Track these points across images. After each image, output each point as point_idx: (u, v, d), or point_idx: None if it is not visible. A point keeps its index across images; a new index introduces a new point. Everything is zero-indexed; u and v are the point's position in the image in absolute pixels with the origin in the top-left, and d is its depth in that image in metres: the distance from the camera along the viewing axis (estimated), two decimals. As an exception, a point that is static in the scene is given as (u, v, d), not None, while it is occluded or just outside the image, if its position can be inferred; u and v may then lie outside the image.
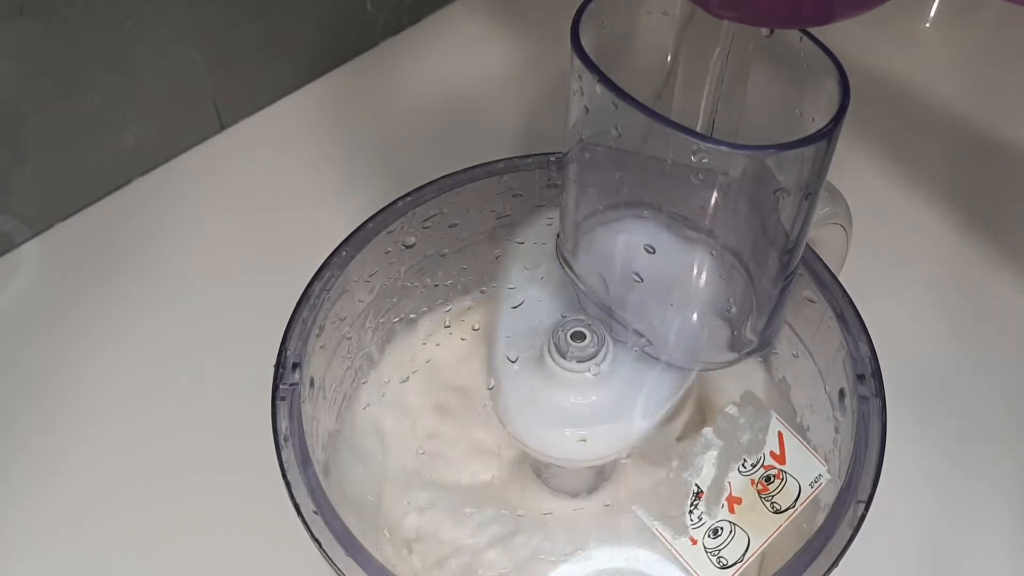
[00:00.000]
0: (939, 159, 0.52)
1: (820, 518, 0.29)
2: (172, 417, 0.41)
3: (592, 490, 0.35)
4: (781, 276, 0.30)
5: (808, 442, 0.32)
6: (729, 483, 0.30)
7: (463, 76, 0.55)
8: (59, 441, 0.41)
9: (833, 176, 0.31)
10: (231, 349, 0.43)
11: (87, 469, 0.40)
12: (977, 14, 0.61)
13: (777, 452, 0.31)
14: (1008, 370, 0.44)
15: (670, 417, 0.33)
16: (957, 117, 0.54)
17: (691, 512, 0.30)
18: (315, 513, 0.28)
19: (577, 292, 0.33)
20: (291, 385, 0.31)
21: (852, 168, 0.51)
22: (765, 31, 0.28)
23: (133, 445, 0.40)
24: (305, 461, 0.29)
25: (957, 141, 0.53)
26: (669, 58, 0.31)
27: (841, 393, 0.32)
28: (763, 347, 0.32)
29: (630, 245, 0.31)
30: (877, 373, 0.31)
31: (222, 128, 0.52)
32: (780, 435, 0.31)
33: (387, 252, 0.35)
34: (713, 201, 0.28)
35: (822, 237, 0.36)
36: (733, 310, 0.31)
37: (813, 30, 0.27)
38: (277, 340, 0.32)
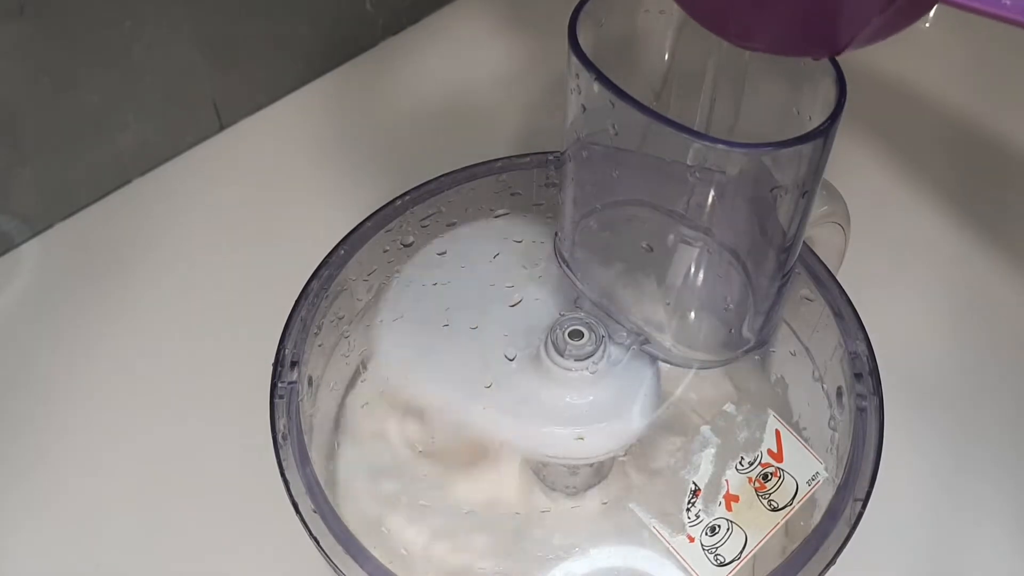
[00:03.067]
0: (938, 159, 0.52)
1: (817, 516, 0.29)
2: (171, 416, 0.41)
3: (589, 488, 0.35)
4: (778, 274, 0.30)
5: (805, 440, 0.32)
6: (726, 481, 0.30)
7: (462, 76, 0.55)
8: (59, 440, 0.41)
9: (831, 175, 0.31)
10: (230, 348, 0.43)
11: (86, 468, 0.40)
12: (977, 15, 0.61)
13: (774, 450, 0.31)
14: (1006, 369, 0.44)
15: (668, 416, 0.33)
16: (956, 117, 0.54)
17: (688, 510, 0.30)
18: (313, 512, 0.28)
19: (575, 290, 0.33)
20: (289, 384, 0.31)
21: (850, 167, 0.51)
22: None
23: (132, 444, 0.41)
24: (303, 459, 0.29)
25: (956, 141, 0.53)
26: (667, 57, 0.31)
27: (839, 391, 0.32)
28: (760, 345, 0.32)
29: (628, 243, 0.31)
30: (875, 372, 0.31)
31: (222, 128, 0.52)
32: (777, 433, 0.31)
33: (385, 251, 0.35)
34: (710, 199, 0.28)
35: (820, 236, 0.36)
36: (730, 308, 0.31)
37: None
38: (276, 339, 0.32)
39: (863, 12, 0.22)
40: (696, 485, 0.30)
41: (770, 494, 0.30)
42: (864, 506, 0.28)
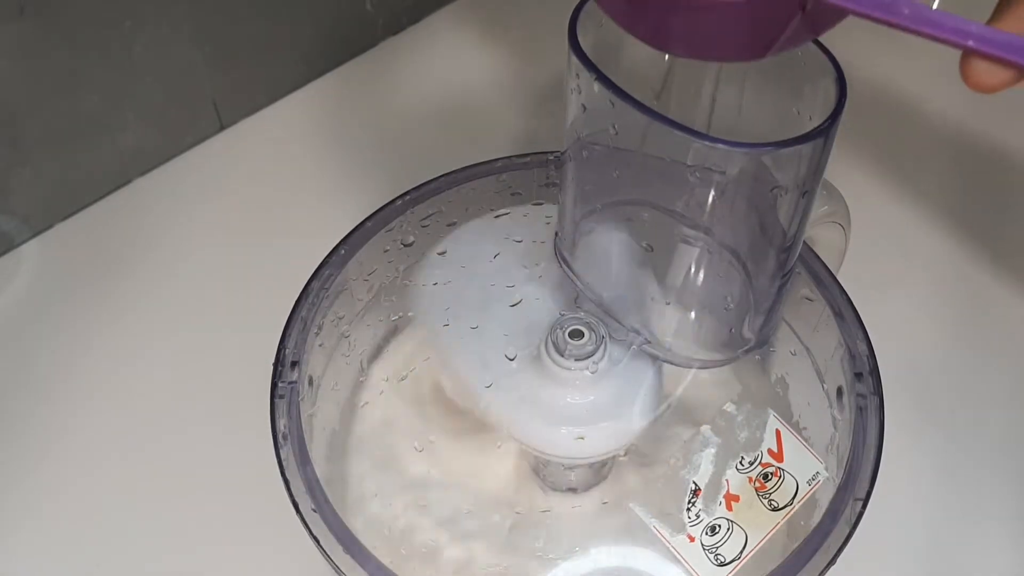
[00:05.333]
0: (938, 159, 0.52)
1: (817, 516, 0.29)
2: (171, 416, 0.41)
3: (590, 488, 0.35)
4: (779, 274, 0.30)
5: (806, 440, 0.32)
6: (727, 481, 0.30)
7: (463, 76, 0.55)
8: (58, 440, 0.41)
9: (832, 175, 0.31)
10: (230, 348, 0.43)
11: (86, 468, 0.40)
12: (976, 14, 0.61)
13: (775, 450, 0.31)
14: (1006, 368, 0.44)
15: (668, 416, 0.33)
16: (956, 117, 0.54)
17: (689, 509, 0.30)
18: (314, 511, 0.28)
19: (575, 290, 0.33)
20: (290, 383, 0.31)
21: (851, 167, 0.51)
22: None
23: (132, 443, 0.41)
24: (304, 459, 0.29)
25: (956, 141, 0.53)
26: (667, 57, 0.31)
27: (839, 391, 0.32)
28: (761, 345, 0.32)
29: (628, 243, 0.31)
30: (875, 371, 0.31)
31: (222, 128, 0.52)
32: (778, 433, 0.31)
33: (386, 251, 0.35)
34: (711, 199, 0.28)
35: (821, 236, 0.36)
36: (731, 308, 0.31)
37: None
38: (276, 339, 0.32)
39: (767, 27, 0.22)
40: (696, 485, 0.30)
41: (770, 494, 0.30)
42: (864, 506, 0.28)
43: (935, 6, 0.58)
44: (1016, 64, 0.20)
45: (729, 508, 0.30)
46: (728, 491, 0.30)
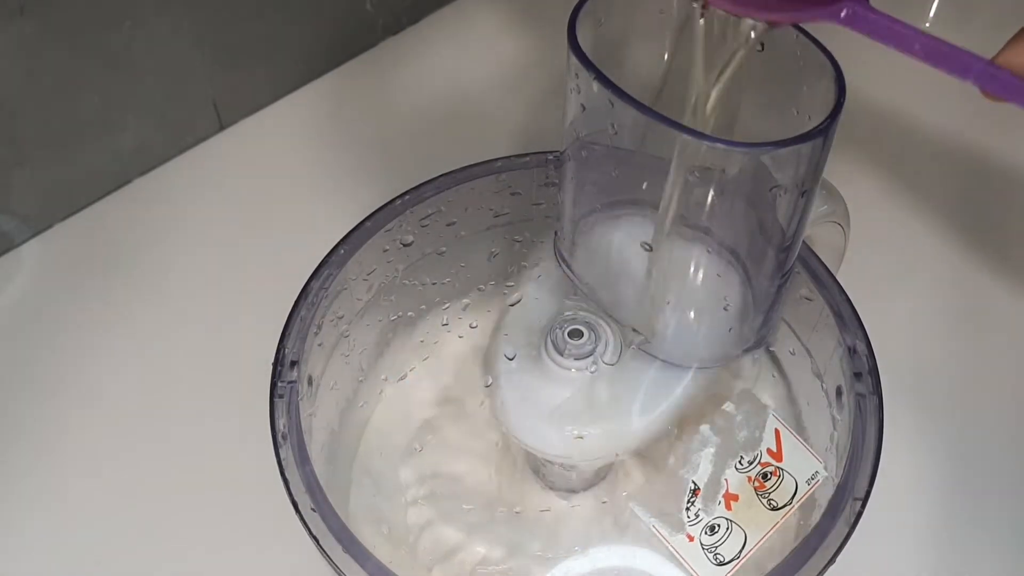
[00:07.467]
0: (937, 160, 0.52)
1: (817, 515, 0.29)
2: (171, 415, 0.41)
3: (589, 487, 0.35)
4: (778, 274, 0.30)
5: (805, 440, 0.32)
6: (726, 480, 0.30)
7: (462, 76, 0.55)
8: (58, 439, 0.41)
9: (832, 176, 0.31)
10: (230, 347, 0.43)
11: (85, 467, 0.40)
12: (976, 15, 0.61)
13: (774, 449, 0.31)
14: (1005, 368, 0.44)
15: (668, 415, 0.33)
16: (956, 118, 0.54)
17: (688, 509, 0.30)
18: (313, 510, 0.28)
19: (575, 290, 0.33)
20: (289, 383, 0.31)
21: (851, 168, 0.51)
22: (758, 46, 0.29)
23: (132, 443, 0.41)
24: (303, 459, 0.29)
25: (956, 142, 0.53)
26: (667, 57, 0.31)
27: (838, 391, 0.32)
28: (760, 345, 0.32)
29: (628, 243, 0.31)
30: (874, 371, 0.31)
31: (222, 128, 0.52)
32: (777, 432, 0.31)
33: (385, 250, 0.35)
34: (710, 199, 0.28)
35: (820, 236, 0.36)
36: (730, 308, 0.31)
37: (810, 28, 0.27)
38: (276, 338, 0.32)
39: None
40: (696, 484, 0.30)
41: (770, 493, 0.30)
42: (863, 505, 0.28)
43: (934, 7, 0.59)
44: (1012, 100, 0.23)
45: (728, 507, 0.30)
46: (727, 490, 0.30)
